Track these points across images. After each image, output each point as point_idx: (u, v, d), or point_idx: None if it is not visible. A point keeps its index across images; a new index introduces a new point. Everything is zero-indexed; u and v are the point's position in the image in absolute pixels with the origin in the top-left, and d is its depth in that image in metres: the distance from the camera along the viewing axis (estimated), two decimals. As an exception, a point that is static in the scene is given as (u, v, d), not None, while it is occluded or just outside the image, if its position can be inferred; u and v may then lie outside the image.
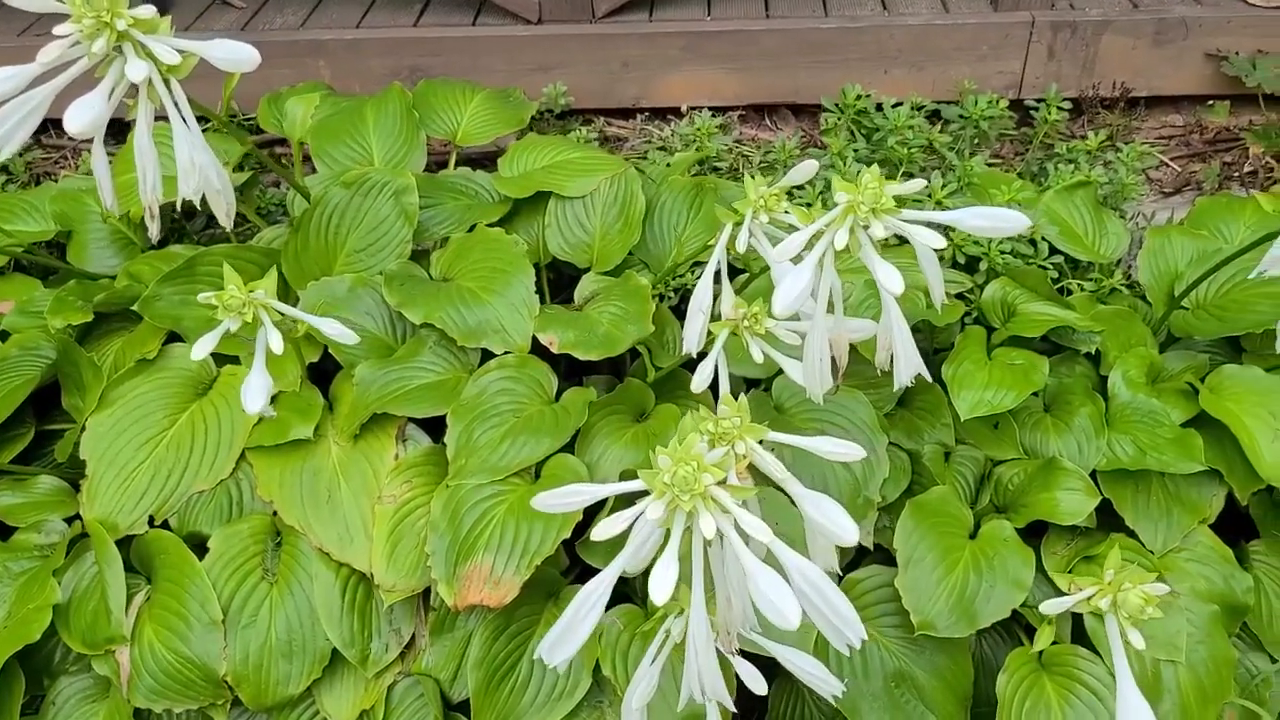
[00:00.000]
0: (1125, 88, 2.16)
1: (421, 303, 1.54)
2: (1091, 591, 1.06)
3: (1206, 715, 1.36)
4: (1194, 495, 1.46)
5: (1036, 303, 1.56)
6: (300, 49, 2.29)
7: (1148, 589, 1.03)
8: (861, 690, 1.37)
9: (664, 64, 2.27)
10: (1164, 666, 1.36)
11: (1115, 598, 1.04)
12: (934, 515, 1.41)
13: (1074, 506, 1.40)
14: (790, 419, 1.48)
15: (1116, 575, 1.04)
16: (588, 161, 1.78)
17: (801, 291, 1.05)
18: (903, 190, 1.10)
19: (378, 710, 1.39)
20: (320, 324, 1.23)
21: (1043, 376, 1.46)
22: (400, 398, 1.48)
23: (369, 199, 1.68)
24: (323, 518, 1.43)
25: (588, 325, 1.53)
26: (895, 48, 2.22)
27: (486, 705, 1.32)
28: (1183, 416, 1.47)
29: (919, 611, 1.33)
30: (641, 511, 0.90)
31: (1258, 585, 1.50)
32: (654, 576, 0.86)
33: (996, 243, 1.64)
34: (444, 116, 2.03)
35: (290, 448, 1.47)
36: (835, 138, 1.92)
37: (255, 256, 1.65)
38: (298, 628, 1.40)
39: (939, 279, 1.22)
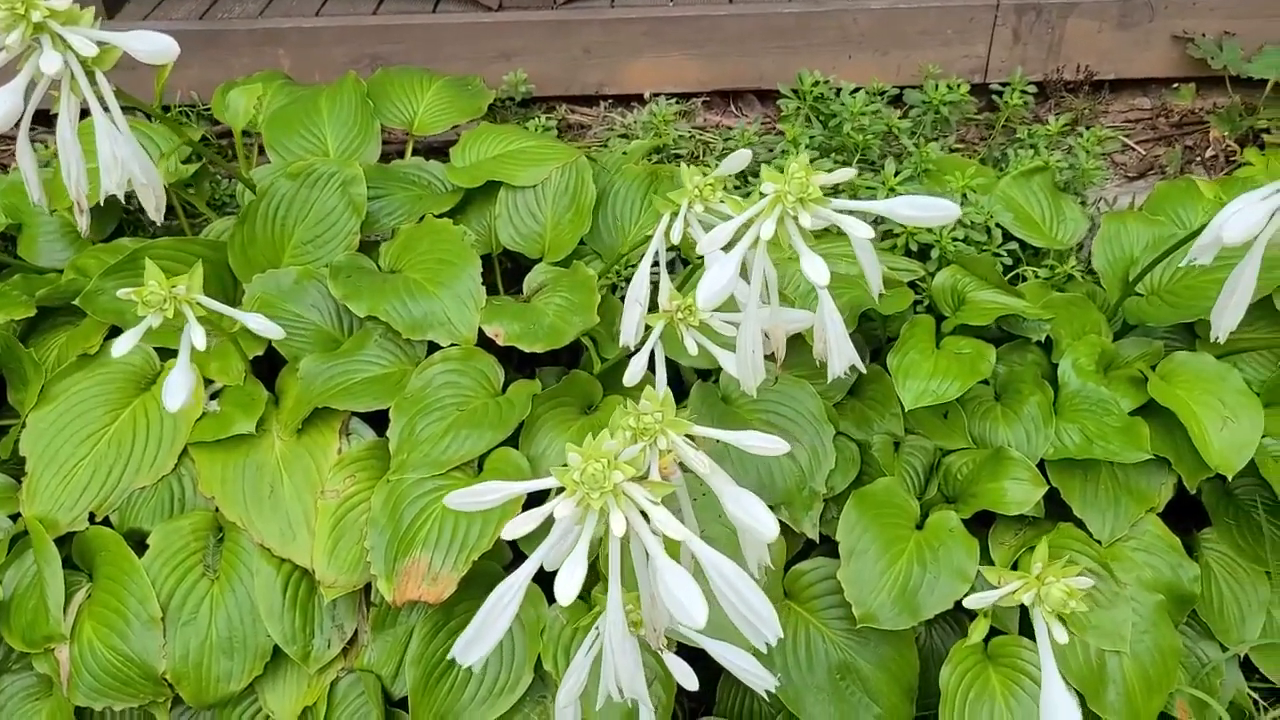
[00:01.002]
0: (1089, 71, 2.14)
1: (366, 295, 1.53)
2: (1016, 585, 1.04)
3: (1152, 705, 1.35)
4: (1143, 484, 1.45)
5: (986, 291, 1.54)
6: (259, 38, 2.27)
7: (1072, 583, 1.02)
8: (805, 682, 1.36)
9: (626, 50, 2.25)
10: (1109, 657, 1.35)
11: (1039, 591, 1.03)
12: (879, 506, 1.39)
13: (1020, 496, 1.39)
14: (738, 410, 1.46)
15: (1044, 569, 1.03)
16: (539, 150, 1.76)
17: (725, 284, 1.04)
18: (830, 179, 1.09)
19: (320, 707, 1.38)
20: (246, 319, 1.22)
21: (989, 365, 1.45)
22: (343, 391, 1.47)
23: (316, 190, 1.66)
24: (264, 513, 1.42)
25: (534, 317, 1.52)
26: (859, 32, 2.20)
27: (424, 703, 1.31)
28: (1132, 404, 1.46)
29: (861, 604, 1.32)
30: (551, 510, 0.89)
31: (1208, 574, 1.49)
32: (560, 575, 0.85)
33: (949, 230, 1.63)
34: (400, 106, 2.01)
35: (233, 443, 1.46)
36: (792, 124, 1.89)
37: (201, 249, 1.63)
38: (239, 624, 1.39)
39: (876, 268, 1.21)
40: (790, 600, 1.42)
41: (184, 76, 2.26)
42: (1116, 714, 1.34)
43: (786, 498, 1.41)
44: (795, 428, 1.45)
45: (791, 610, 1.41)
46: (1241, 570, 1.49)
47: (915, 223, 1.11)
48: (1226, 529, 1.51)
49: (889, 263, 1.61)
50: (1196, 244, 1.20)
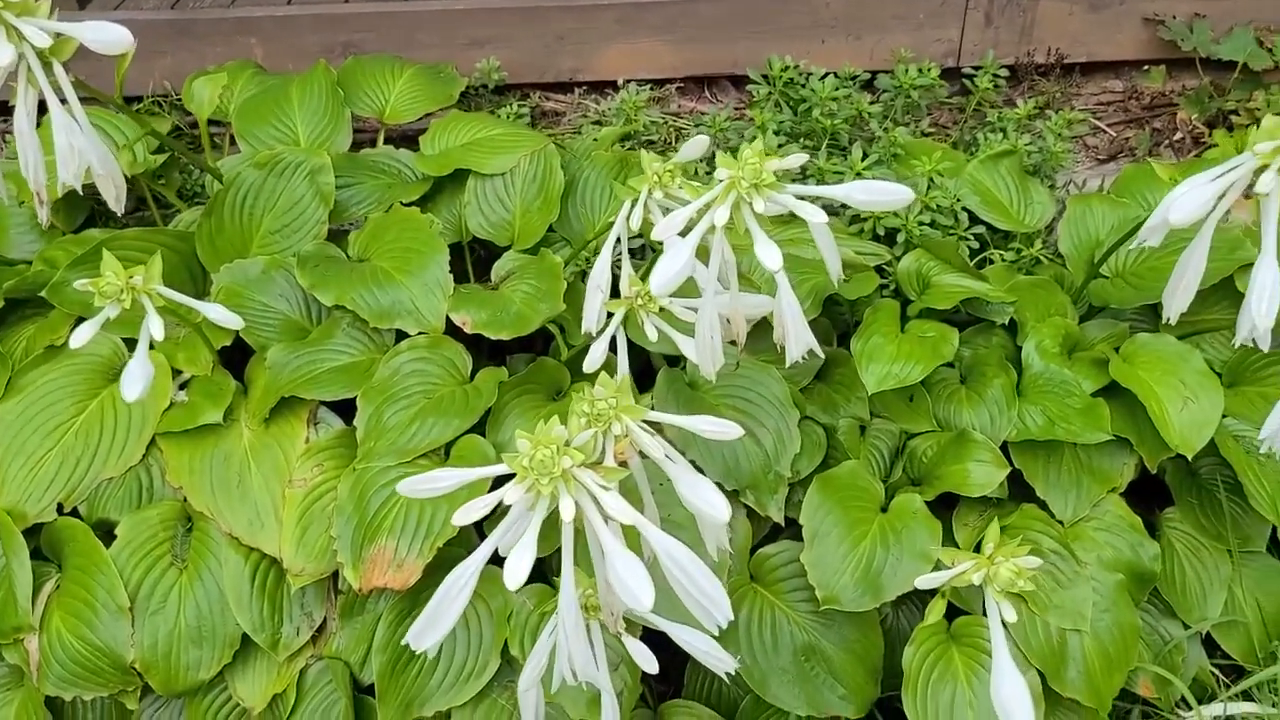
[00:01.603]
0: (1060, 54, 2.15)
1: (333, 284, 1.53)
2: (967, 566, 1.06)
3: (1112, 682, 1.37)
4: (1105, 464, 1.46)
5: (950, 274, 1.55)
6: (231, 27, 2.26)
7: (1020, 562, 1.04)
8: (770, 664, 1.37)
9: (600, 36, 2.25)
10: (1070, 636, 1.37)
11: (989, 571, 1.04)
12: (843, 489, 1.40)
13: (983, 478, 1.40)
14: (704, 396, 1.47)
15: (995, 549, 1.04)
16: (508, 138, 1.76)
17: (679, 270, 1.04)
18: (783, 164, 1.09)
19: (290, 694, 1.39)
20: (206, 309, 1.22)
21: (952, 349, 1.45)
22: (310, 381, 1.47)
23: (283, 179, 1.66)
24: (233, 502, 1.42)
25: (501, 304, 1.52)
26: (831, 16, 2.20)
27: (391, 688, 1.32)
28: (1094, 386, 1.47)
29: (824, 586, 1.33)
30: (501, 496, 0.90)
31: (1171, 552, 1.51)
32: (508, 561, 0.86)
33: (915, 214, 1.63)
34: (371, 94, 2.01)
35: (201, 433, 1.46)
36: (762, 110, 1.90)
37: (168, 240, 1.63)
38: (207, 613, 1.39)
39: (834, 253, 1.21)
40: (756, 584, 1.43)
41: (157, 66, 2.25)
42: (1077, 691, 1.35)
43: (752, 482, 1.42)
44: (760, 412, 1.45)
45: (757, 593, 1.42)
46: (1204, 549, 1.50)
47: (871, 207, 1.12)
48: (1189, 508, 1.52)
49: (855, 247, 1.62)
50: (1146, 226, 1.21)
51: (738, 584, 1.40)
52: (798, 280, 1.53)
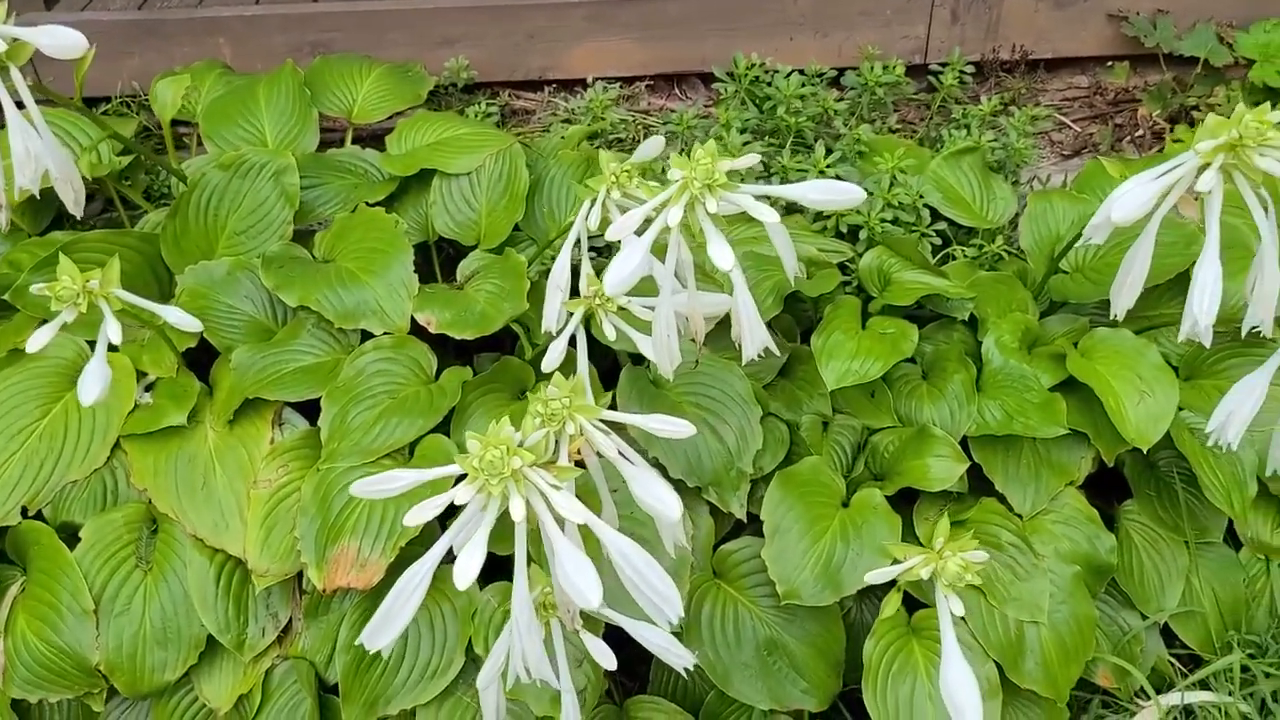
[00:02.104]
0: (1024, 51, 2.17)
1: (298, 285, 1.53)
2: (916, 561, 1.07)
3: (1069, 673, 1.38)
4: (1063, 458, 1.48)
5: (911, 271, 1.56)
6: (199, 27, 2.26)
7: (968, 556, 1.05)
8: (733, 659, 1.38)
9: (570, 35, 2.25)
10: (1027, 627, 1.38)
11: (937, 566, 1.06)
12: (804, 485, 1.42)
13: (943, 473, 1.41)
14: (667, 394, 1.48)
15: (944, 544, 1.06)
16: (474, 138, 1.77)
17: (632, 270, 1.05)
18: (736, 165, 1.10)
19: (255, 694, 1.40)
20: (164, 312, 1.23)
21: (912, 345, 1.47)
22: (275, 382, 1.48)
23: (248, 180, 1.66)
24: (197, 504, 1.43)
25: (465, 304, 1.53)
26: (799, 14, 2.21)
27: (355, 687, 1.33)
28: (1053, 380, 1.48)
29: (785, 580, 1.35)
30: (452, 497, 0.91)
31: (1129, 544, 1.52)
32: (458, 561, 0.87)
33: (877, 211, 1.65)
34: (339, 94, 2.02)
35: (166, 434, 1.46)
36: (727, 108, 1.91)
37: (133, 241, 1.63)
38: (172, 615, 1.40)
39: (790, 251, 1.23)
40: (719, 579, 1.44)
41: (125, 67, 2.25)
42: (1034, 682, 1.37)
43: (714, 478, 1.43)
44: (723, 409, 1.46)
45: (720, 589, 1.43)
46: (1162, 540, 1.52)
47: (823, 206, 1.13)
48: (1148, 500, 1.54)
49: (818, 244, 1.63)
50: (1090, 224, 1.22)
51: (701, 580, 1.41)
52: (760, 277, 1.54)
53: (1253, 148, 1.06)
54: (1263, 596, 1.54)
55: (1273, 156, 1.07)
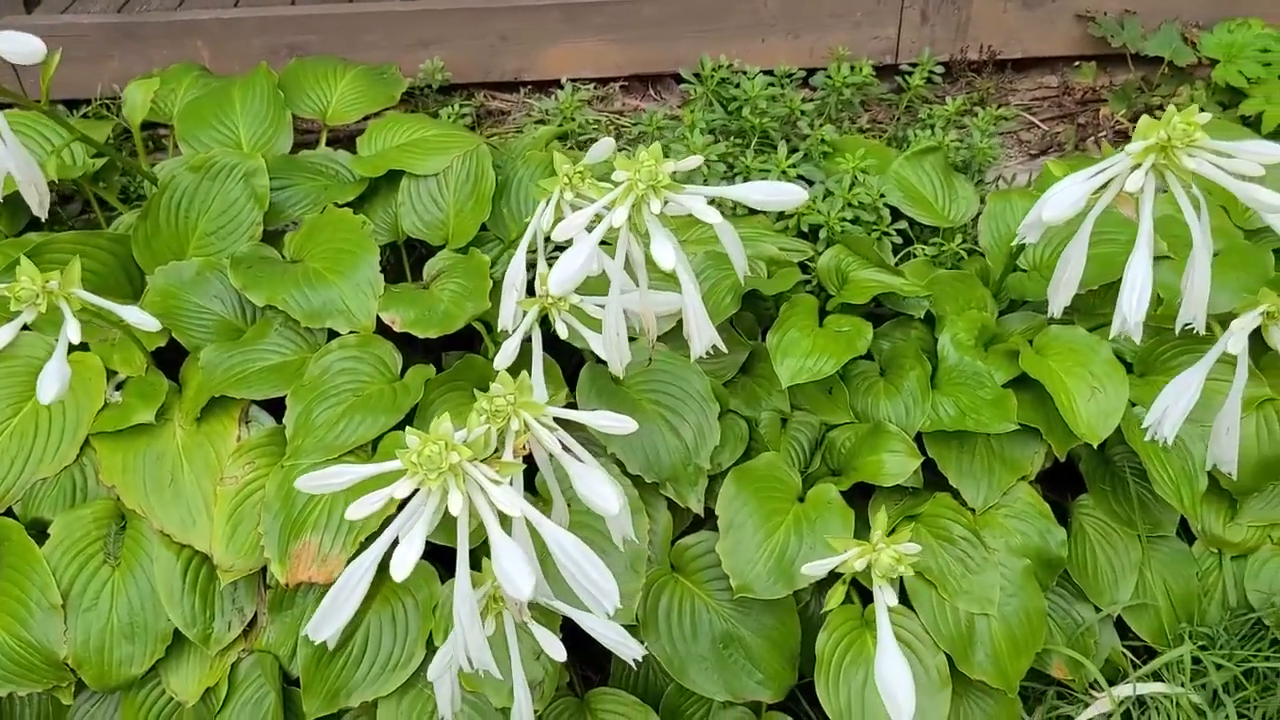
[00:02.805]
0: (992, 51, 2.19)
1: (264, 285, 1.56)
2: (852, 553, 1.10)
3: (1019, 664, 1.41)
4: (1016, 453, 1.50)
5: (867, 269, 1.58)
6: (177, 29, 2.28)
7: (901, 549, 1.08)
8: (689, 652, 1.41)
9: (544, 36, 2.28)
10: (978, 619, 1.41)
11: (871, 558, 1.08)
12: (759, 481, 1.44)
13: (896, 468, 1.44)
14: (627, 391, 1.50)
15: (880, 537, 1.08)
16: (441, 139, 1.79)
17: (576, 270, 1.08)
18: (680, 167, 1.13)
19: (221, 687, 1.42)
20: (123, 312, 1.25)
21: (866, 342, 1.49)
22: (241, 380, 1.50)
23: (218, 182, 1.68)
24: (165, 501, 1.45)
25: (429, 303, 1.55)
26: (771, 15, 2.23)
27: (317, 679, 1.35)
28: (1007, 377, 1.51)
29: (738, 574, 1.37)
30: (391, 491, 0.93)
31: (1083, 538, 1.55)
32: (396, 553, 0.89)
33: (837, 210, 1.67)
34: (313, 96, 2.04)
35: (134, 432, 1.49)
36: (694, 109, 1.93)
37: (105, 243, 1.66)
38: (140, 610, 1.42)
39: (739, 250, 1.25)
40: (677, 573, 1.46)
41: (105, 69, 2.27)
42: (984, 674, 1.39)
43: (673, 474, 1.45)
44: (682, 406, 1.49)
45: (678, 583, 1.45)
46: (1115, 534, 1.55)
47: (766, 206, 1.16)
48: (1102, 495, 1.56)
49: (780, 244, 1.65)
50: (1023, 224, 1.25)
51: (658, 574, 1.44)
52: (719, 276, 1.56)
53: (1181, 149, 1.08)
54: (1215, 590, 1.57)
55: (1202, 157, 1.09)
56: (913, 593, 1.42)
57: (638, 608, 1.39)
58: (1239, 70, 1.96)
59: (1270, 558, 1.56)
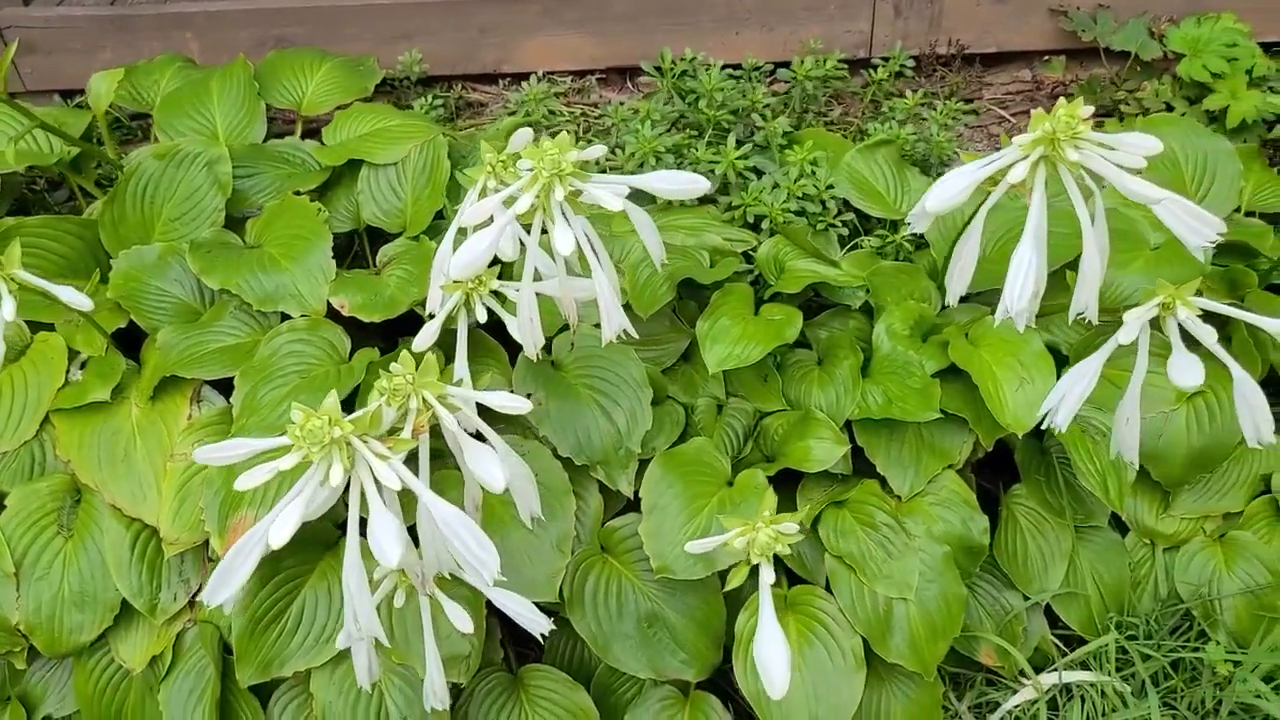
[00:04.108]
0: (961, 45, 2.19)
1: (221, 269, 1.61)
2: (734, 533, 1.13)
3: (936, 649, 1.43)
4: (945, 442, 1.52)
5: (804, 260, 1.61)
6: (167, 22, 2.34)
7: (780, 529, 1.10)
8: (614, 630, 1.44)
9: (522, 29, 2.31)
10: (896, 604, 1.43)
11: (750, 538, 1.11)
12: (687, 465, 1.47)
13: (823, 455, 1.46)
14: (564, 375, 1.54)
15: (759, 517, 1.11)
16: (401, 129, 1.84)
17: (478, 256, 1.11)
18: (584, 156, 1.16)
19: (167, 655, 1.48)
20: (57, 291, 1.31)
21: (795, 330, 1.52)
22: (194, 360, 1.55)
23: (182, 169, 1.74)
24: (118, 476, 1.51)
25: (377, 288, 1.60)
26: (745, 9, 2.25)
27: (250, 648, 1.40)
28: (938, 367, 1.52)
29: (659, 555, 1.40)
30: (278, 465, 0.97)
31: (1015, 527, 1.57)
32: (275, 523, 0.94)
33: (781, 202, 1.69)
34: (289, 87, 2.09)
35: (92, 409, 1.55)
36: (653, 101, 1.96)
37: (72, 227, 1.72)
38: (90, 579, 1.48)
39: (655, 239, 1.28)
40: (607, 554, 1.50)
41: (98, 60, 2.33)
42: (901, 657, 1.42)
43: (603, 457, 1.49)
44: (616, 392, 1.52)
45: (606, 563, 1.49)
46: (1047, 524, 1.56)
47: (670, 195, 1.19)
48: (1036, 485, 1.58)
49: (725, 234, 1.68)
50: (911, 213, 1.26)
51: (587, 554, 1.47)
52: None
53: (1066, 141, 1.10)
54: (1147, 581, 1.58)
55: (1087, 149, 1.11)
56: (833, 576, 1.44)
57: (563, 586, 1.43)
58: (1203, 65, 1.95)
59: (1200, 550, 1.57)
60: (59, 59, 2.32)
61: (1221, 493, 1.57)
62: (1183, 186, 1.75)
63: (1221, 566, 1.56)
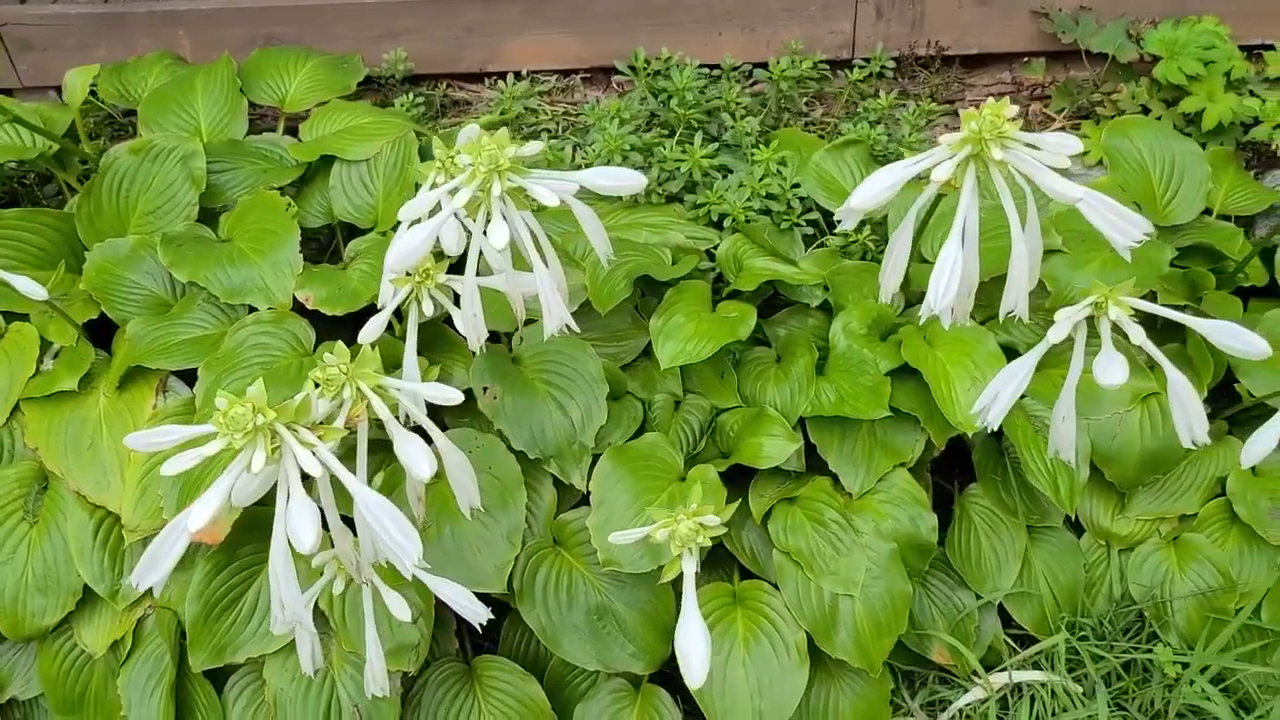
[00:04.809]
0: (940, 46, 2.20)
1: (190, 262, 1.64)
2: (657, 525, 1.14)
3: (881, 645, 1.43)
4: (897, 440, 1.52)
5: (761, 258, 1.62)
6: (160, 20, 2.37)
7: (704, 520, 1.12)
8: (564, 622, 1.46)
9: (507, 28, 2.33)
10: (842, 600, 1.44)
11: (672, 529, 1.13)
12: (639, 460, 1.49)
13: (774, 451, 1.47)
14: (523, 370, 1.56)
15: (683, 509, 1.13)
16: (374, 126, 1.86)
17: (412, 250, 1.13)
18: (522, 152, 1.18)
19: (127, 640, 1.51)
20: (14, 281, 1.34)
21: (749, 328, 1.53)
22: (161, 351, 1.58)
23: (156, 164, 1.77)
24: (84, 464, 1.54)
25: (341, 282, 1.62)
26: (725, 10, 2.26)
27: (204, 634, 1.43)
28: (892, 365, 1.53)
29: (605, 549, 1.42)
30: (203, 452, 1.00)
31: (969, 526, 1.57)
32: (194, 509, 0.96)
33: (744, 200, 1.70)
34: (273, 84, 2.12)
35: (61, 398, 1.58)
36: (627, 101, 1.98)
37: (49, 219, 1.76)
38: (53, 565, 1.51)
39: (600, 235, 1.30)
40: (559, 546, 1.52)
41: (91, 57, 2.36)
42: (846, 653, 1.43)
43: (557, 451, 1.50)
44: (573, 386, 1.54)
45: (559, 555, 1.50)
46: (1002, 523, 1.57)
47: (609, 191, 1.21)
48: (992, 484, 1.58)
49: (688, 232, 1.70)
50: (839, 209, 1.27)
51: (539, 546, 1.49)
52: (620, 260, 1.60)
53: (993, 140, 1.11)
54: (1102, 582, 1.58)
55: (1015, 149, 1.12)
56: (780, 572, 1.45)
57: (514, 577, 1.44)
58: (1179, 67, 1.94)
59: (1153, 552, 1.57)
60: (55, 56, 2.36)
61: (1177, 495, 1.57)
62: (1150, 189, 1.75)
63: (1174, 568, 1.55)
